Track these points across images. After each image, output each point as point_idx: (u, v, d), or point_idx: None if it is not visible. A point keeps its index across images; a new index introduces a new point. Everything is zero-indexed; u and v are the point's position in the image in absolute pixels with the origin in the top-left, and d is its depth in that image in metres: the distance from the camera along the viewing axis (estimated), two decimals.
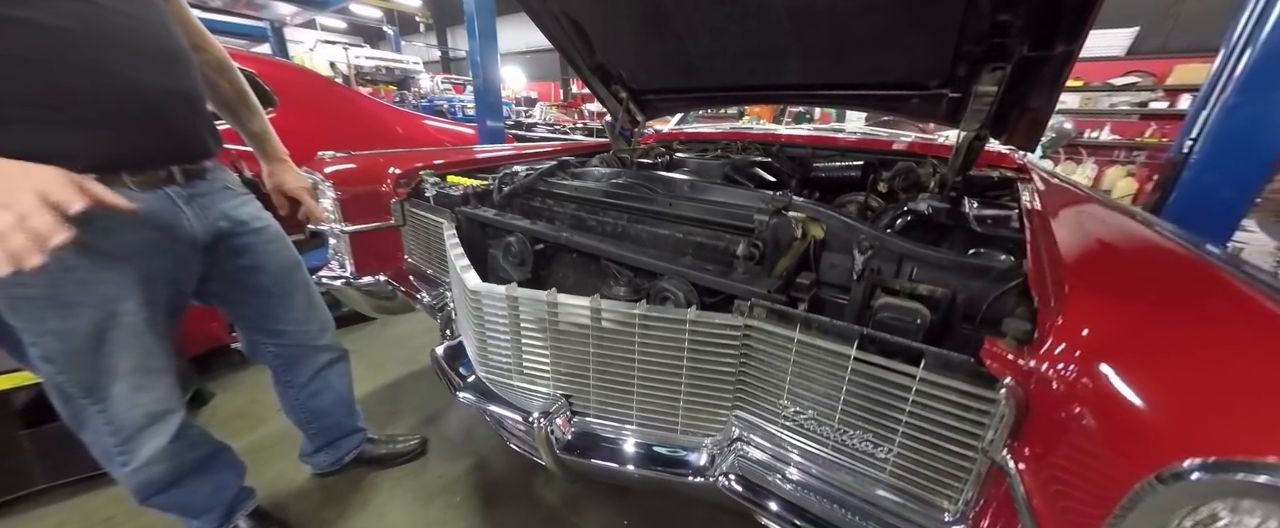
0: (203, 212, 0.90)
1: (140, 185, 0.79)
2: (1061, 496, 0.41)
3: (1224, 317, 0.43)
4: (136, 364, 0.83)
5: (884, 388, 0.61)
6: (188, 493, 1.01)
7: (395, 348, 2.18)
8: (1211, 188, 1.73)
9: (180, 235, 0.86)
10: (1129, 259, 0.61)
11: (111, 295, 0.78)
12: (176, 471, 0.96)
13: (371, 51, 11.23)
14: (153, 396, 0.87)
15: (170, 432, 0.90)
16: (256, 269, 1.05)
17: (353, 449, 1.40)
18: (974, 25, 1.13)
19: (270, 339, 1.15)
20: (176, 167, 0.85)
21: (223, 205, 0.96)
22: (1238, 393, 0.34)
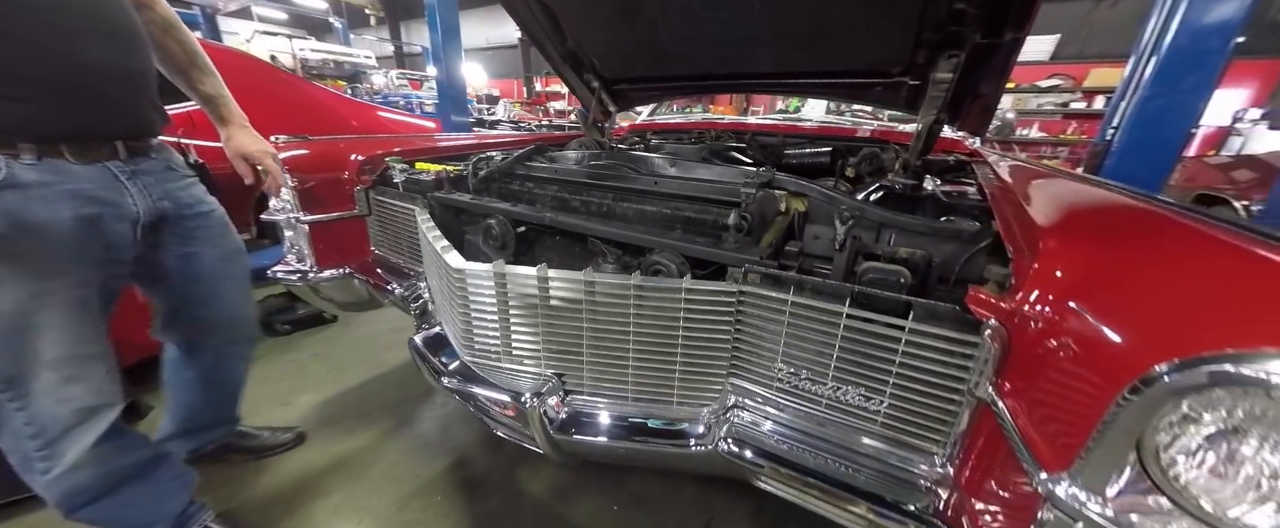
0: (145, 190, 0.85)
1: (79, 158, 0.74)
2: (1048, 420, 0.44)
3: (1169, 247, 0.48)
4: (67, 352, 0.74)
5: (875, 342, 0.63)
6: (123, 505, 0.90)
7: (359, 350, 2.06)
8: (1130, 172, 1.93)
9: (122, 212, 0.81)
10: (1085, 211, 0.67)
11: (40, 271, 0.71)
12: (109, 477, 0.85)
13: (318, 44, 10.55)
14: (85, 387, 0.78)
15: (101, 429, 0.81)
16: (195, 256, 0.99)
17: (217, 439, 1.31)
18: (933, 13, 1.20)
19: (187, 322, 1.07)
20: (120, 142, 0.81)
21: (167, 186, 0.90)
22: (1190, 306, 0.39)
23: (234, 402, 1.31)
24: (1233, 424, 0.33)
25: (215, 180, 1.58)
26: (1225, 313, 0.36)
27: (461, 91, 3.79)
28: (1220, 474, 0.34)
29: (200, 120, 1.15)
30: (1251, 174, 3.19)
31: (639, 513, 1.25)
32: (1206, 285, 0.40)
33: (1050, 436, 0.43)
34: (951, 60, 1.28)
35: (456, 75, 3.68)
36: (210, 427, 1.28)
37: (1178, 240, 0.50)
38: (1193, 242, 0.48)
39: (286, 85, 2.88)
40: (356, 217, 1.41)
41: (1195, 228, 0.50)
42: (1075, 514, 0.38)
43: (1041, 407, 0.45)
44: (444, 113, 3.70)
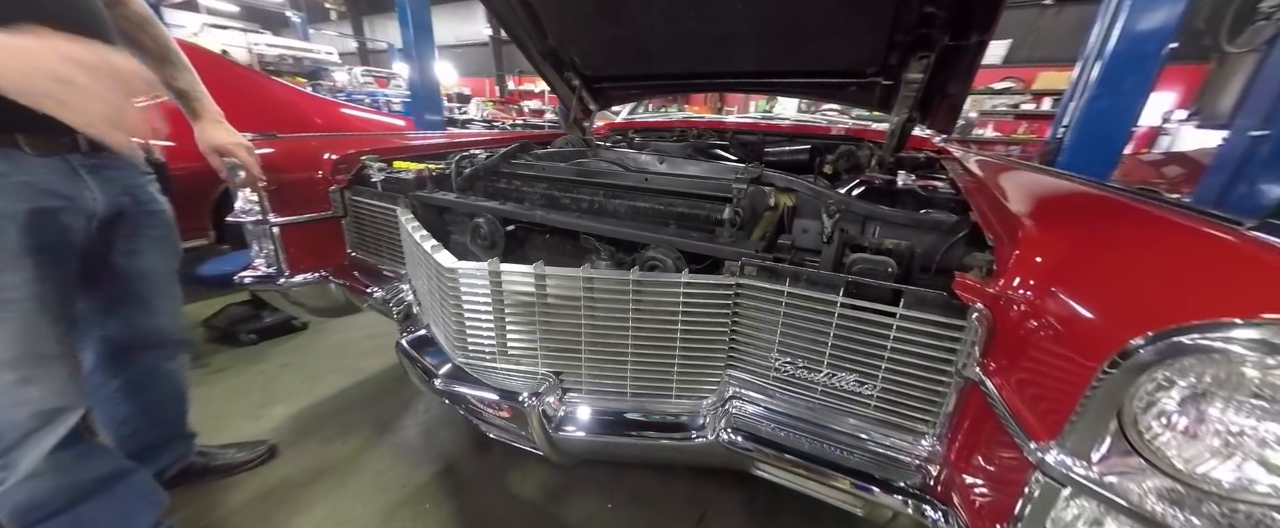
0: (106, 185, 0.81)
1: (36, 149, 0.71)
2: (1034, 394, 0.47)
3: (1132, 230, 0.53)
4: (24, 351, 0.70)
5: (867, 329, 0.66)
6: (82, 523, 0.83)
7: (333, 357, 1.98)
8: (1080, 167, 2.07)
9: (79, 207, 0.77)
10: (1054, 200, 0.72)
11: None
12: (69, 490, 0.80)
13: (275, 39, 10.02)
14: (44, 389, 0.73)
15: (60, 433, 0.75)
16: (137, 253, 0.95)
17: (176, 461, 1.22)
18: (905, 17, 1.25)
19: (110, 323, 0.99)
20: (80, 135, 0.76)
21: (128, 181, 0.87)
22: (1156, 283, 0.42)
23: (180, 417, 1.22)
24: (1200, 389, 0.37)
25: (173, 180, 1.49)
26: (1188, 288, 0.40)
27: (435, 90, 3.69)
28: (1190, 435, 0.37)
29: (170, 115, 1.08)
30: (1180, 170, 3.48)
31: (634, 510, 1.26)
32: (1168, 264, 0.44)
33: (1037, 409, 0.46)
34: (922, 61, 1.34)
35: (429, 73, 3.58)
36: (159, 446, 1.18)
37: (1138, 224, 0.54)
38: (1152, 225, 0.53)
39: (243, 80, 2.72)
40: (331, 218, 1.36)
41: (1151, 212, 0.55)
42: (1064, 479, 0.41)
43: (1028, 383, 0.49)
44: (417, 112, 3.59)
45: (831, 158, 1.78)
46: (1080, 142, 2.02)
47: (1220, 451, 0.37)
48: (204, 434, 1.32)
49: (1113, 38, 1.94)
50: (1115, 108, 1.93)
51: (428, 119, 3.57)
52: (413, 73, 3.52)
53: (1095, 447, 0.41)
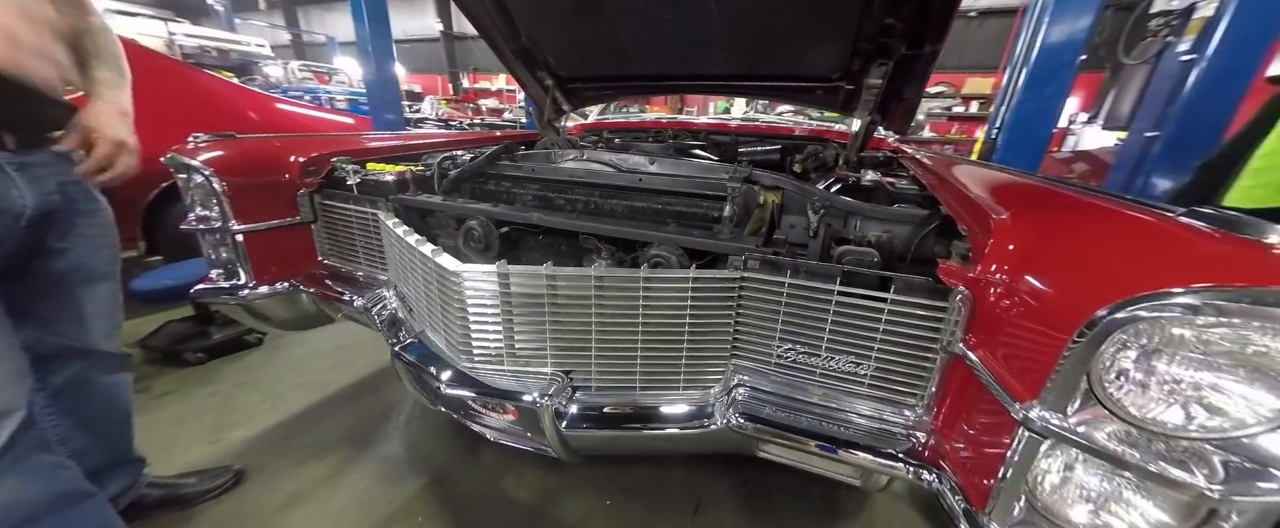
0: (36, 183, 0.77)
1: None
2: (1016, 362, 0.55)
3: (1081, 218, 0.62)
4: None
5: (861, 314, 0.72)
6: None
7: (297, 373, 1.85)
8: (1012, 162, 2.31)
9: (6, 206, 0.73)
10: (1013, 193, 0.81)
11: None
12: (16, 508, 0.71)
13: (194, 29, 9.09)
14: None
15: (2, 438, 0.68)
16: (66, 253, 0.88)
17: (125, 491, 1.09)
18: (867, 27, 1.35)
19: (28, 327, 0.87)
20: (9, 133, 0.72)
21: (62, 178, 0.82)
22: (1109, 262, 0.50)
23: (124, 439, 1.10)
24: (1150, 348, 0.44)
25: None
26: (1136, 265, 0.48)
27: (393, 87, 3.50)
28: (1142, 387, 0.45)
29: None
30: (1087, 167, 3.95)
31: (632, 504, 1.28)
32: (1117, 246, 0.52)
33: (1018, 374, 0.53)
34: (881, 68, 1.45)
35: (387, 70, 3.39)
36: (101, 471, 1.04)
37: (1087, 212, 0.63)
38: (1099, 213, 0.62)
39: (168, 71, 2.43)
40: (300, 224, 1.28)
41: (1095, 202, 0.64)
42: (1046, 432, 0.48)
43: (1008, 352, 0.56)
44: (376, 111, 3.39)
45: (800, 157, 1.88)
46: (1011, 141, 2.26)
47: (1165, 398, 0.45)
48: (155, 465, 1.20)
49: (1035, 48, 2.18)
50: (1039, 111, 2.17)
51: (386, 118, 3.39)
52: (369, 69, 3.32)
53: (1070, 403, 0.48)
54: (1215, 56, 1.81)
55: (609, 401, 0.83)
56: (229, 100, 2.68)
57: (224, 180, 1.12)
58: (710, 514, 1.26)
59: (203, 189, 1.13)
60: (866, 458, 0.71)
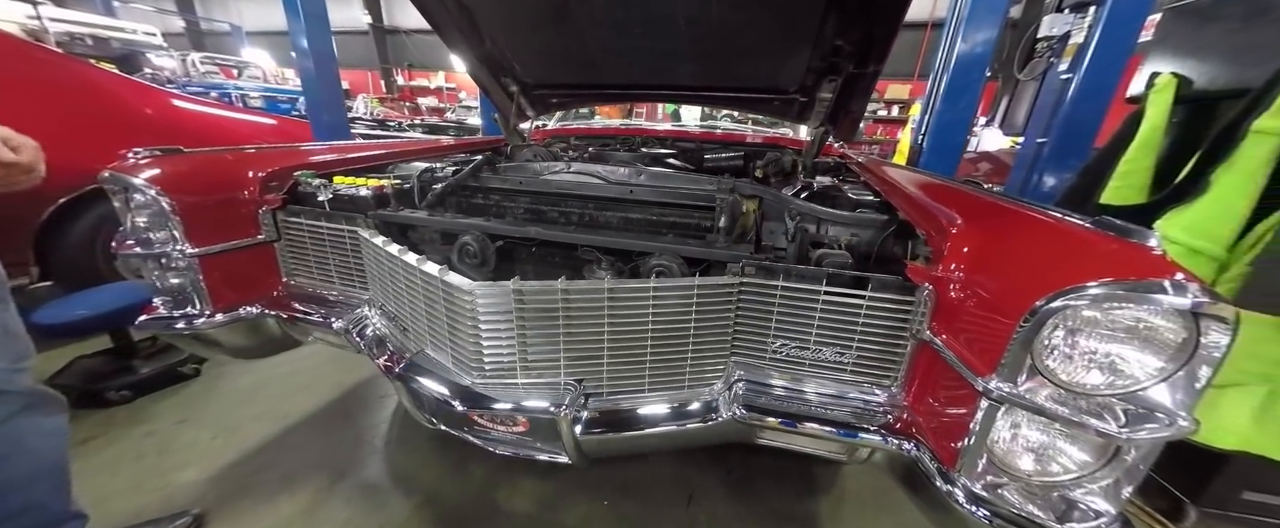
0: None
1: None
2: (974, 344, 0.67)
3: (1017, 226, 0.76)
4: None
5: (843, 311, 0.83)
6: None
7: (245, 404, 1.70)
8: (935, 166, 2.62)
9: None
10: (957, 201, 0.95)
11: None
12: None
13: (64, 12, 7.76)
14: None
15: None
16: None
17: None
18: (821, 48, 1.50)
19: None
20: None
21: None
22: (1042, 261, 0.63)
23: (57, 489, 0.96)
24: (1074, 328, 0.57)
25: None
26: (1062, 265, 0.61)
27: (335, 85, 3.21)
28: (1068, 359, 0.58)
29: None
30: (990, 166, 4.54)
31: (628, 503, 1.33)
32: (1045, 248, 0.66)
33: (978, 354, 0.65)
34: (832, 83, 1.61)
35: (329, 67, 3.12)
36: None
37: (1018, 220, 0.78)
38: (1027, 221, 0.76)
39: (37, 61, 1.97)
40: (261, 243, 1.19)
41: (1022, 210, 0.79)
42: (1002, 399, 0.60)
43: (968, 337, 0.68)
44: (314, 112, 3.12)
45: (761, 163, 2.02)
46: (934, 146, 2.57)
47: (1085, 366, 0.58)
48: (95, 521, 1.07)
49: (951, 62, 2.50)
50: (955, 120, 2.48)
51: (325, 120, 3.13)
52: (306, 65, 3.04)
53: (1019, 375, 0.60)
54: (1085, 75, 2.18)
55: (622, 404, 0.88)
56: (120, 98, 2.21)
57: (174, 199, 1.02)
58: (703, 504, 1.34)
59: (149, 210, 1.03)
60: (856, 436, 0.82)
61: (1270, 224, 1.08)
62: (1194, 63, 1.42)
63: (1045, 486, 0.64)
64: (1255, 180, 1.12)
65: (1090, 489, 0.62)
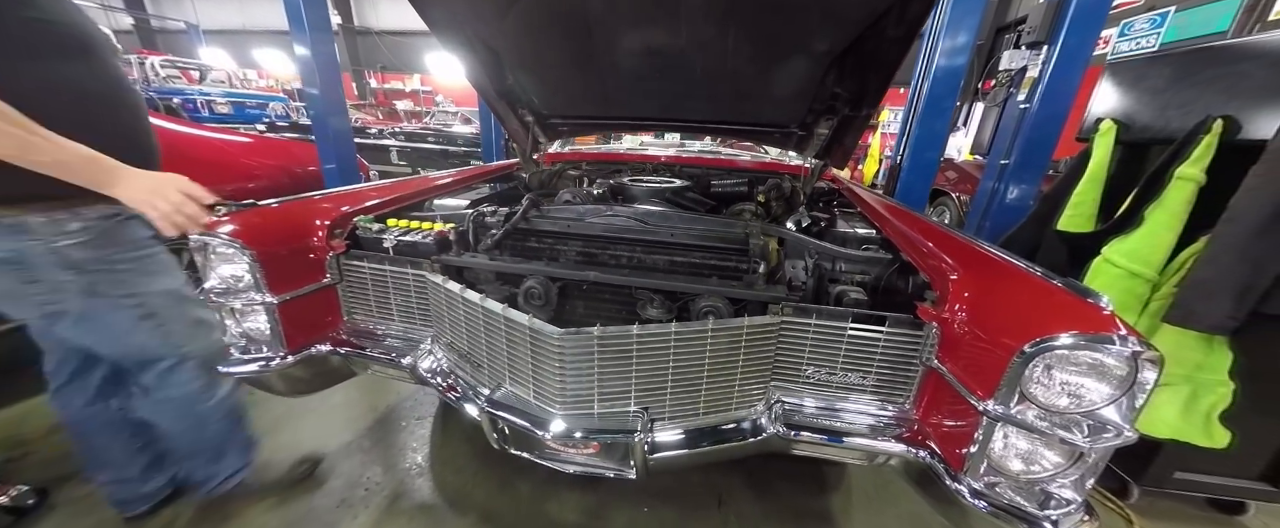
0: None
1: None
2: (972, 371, 0.85)
3: (1002, 278, 0.95)
4: None
5: (865, 341, 1.00)
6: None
7: (282, 430, 1.75)
8: (914, 181, 2.88)
9: None
10: (951, 248, 1.14)
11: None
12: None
13: None
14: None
15: None
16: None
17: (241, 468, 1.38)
18: (822, 94, 1.69)
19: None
20: None
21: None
22: (1025, 310, 0.82)
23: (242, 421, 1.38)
24: (1050, 365, 0.76)
25: None
26: (1040, 315, 0.79)
27: (338, 92, 3.15)
28: (1046, 386, 0.77)
29: None
30: (957, 176, 4.90)
31: (665, 508, 1.48)
32: (1027, 301, 0.85)
33: (978, 381, 0.83)
34: (829, 122, 1.80)
35: (332, 73, 3.04)
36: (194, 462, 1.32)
37: (1002, 272, 0.97)
38: (1009, 273, 0.95)
39: None
40: (326, 286, 1.28)
41: (1004, 262, 0.98)
42: (998, 417, 0.79)
43: (969, 367, 0.86)
44: (320, 121, 3.06)
45: (764, 188, 2.20)
46: (911, 165, 2.82)
47: (1059, 393, 0.77)
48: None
49: (926, 86, 2.75)
50: (931, 137, 2.75)
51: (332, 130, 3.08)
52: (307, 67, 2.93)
53: (1011, 399, 0.78)
54: (1039, 106, 2.46)
55: (681, 426, 1.03)
56: None
57: (255, 252, 1.10)
58: (732, 505, 1.50)
59: (232, 263, 1.11)
60: (875, 444, 1.00)
61: (1189, 254, 1.33)
62: (1131, 110, 1.68)
63: (1030, 482, 0.83)
64: (1179, 217, 1.37)
65: (1062, 483, 0.81)
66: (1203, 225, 1.30)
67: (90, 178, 0.84)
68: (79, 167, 0.82)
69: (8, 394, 1.85)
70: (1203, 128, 1.35)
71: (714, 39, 1.53)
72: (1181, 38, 5.37)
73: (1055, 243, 1.75)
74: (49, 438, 1.65)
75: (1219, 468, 1.47)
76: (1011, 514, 0.83)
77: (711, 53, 1.58)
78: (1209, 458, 1.39)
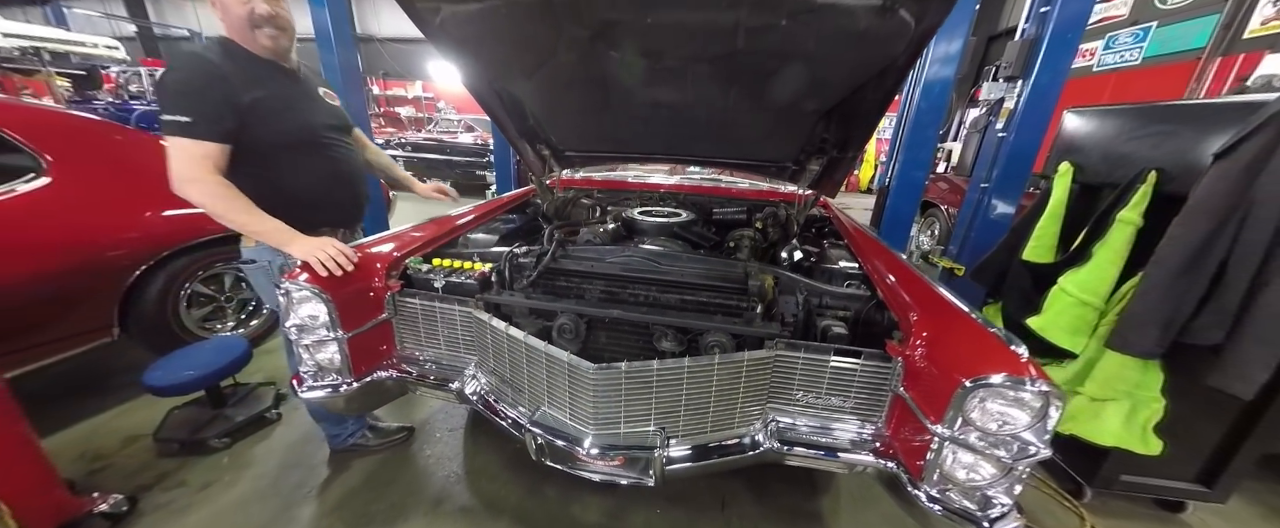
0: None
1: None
2: (928, 399, 1.05)
3: (952, 322, 1.15)
4: None
5: (845, 371, 1.21)
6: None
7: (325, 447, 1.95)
8: (901, 203, 3.09)
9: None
10: (915, 290, 1.35)
11: None
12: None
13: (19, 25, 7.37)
14: None
15: None
16: None
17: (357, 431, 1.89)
18: (812, 139, 1.89)
19: None
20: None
21: None
22: (967, 353, 1.03)
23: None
24: (984, 398, 0.96)
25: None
26: (980, 358, 1.00)
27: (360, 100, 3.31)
28: (981, 412, 0.97)
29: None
30: (946, 187, 5.11)
31: (676, 510, 1.69)
32: (970, 344, 1.05)
33: (931, 407, 1.04)
34: (820, 160, 2.01)
35: (355, 79, 3.20)
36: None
37: (952, 316, 1.17)
38: (958, 317, 1.16)
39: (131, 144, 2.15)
40: (384, 321, 1.47)
41: (953, 307, 1.19)
42: (947, 439, 0.99)
43: (926, 395, 1.07)
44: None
45: (761, 216, 2.40)
46: (898, 188, 3.03)
47: (992, 418, 0.97)
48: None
49: (911, 110, 2.95)
50: (917, 161, 2.97)
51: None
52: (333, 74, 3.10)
53: (957, 423, 0.99)
54: (1015, 136, 2.67)
55: (692, 442, 1.23)
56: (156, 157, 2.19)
57: (330, 295, 1.30)
58: (735, 506, 1.71)
59: (310, 304, 1.31)
60: (855, 457, 1.20)
61: (1128, 288, 1.54)
62: (1085, 156, 1.89)
63: (972, 488, 1.03)
64: (1121, 255, 1.58)
65: (997, 490, 1.02)
66: (1140, 263, 1.51)
67: (277, 242, 1.32)
68: (270, 234, 1.32)
69: (75, 414, 2.04)
70: (1140, 178, 1.56)
71: (716, 97, 1.74)
72: (1163, 52, 5.59)
73: (1021, 271, 1.96)
74: (124, 451, 1.85)
75: (1160, 472, 1.68)
76: (959, 515, 1.03)
77: (714, 107, 1.79)
78: (1149, 463, 1.61)
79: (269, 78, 1.34)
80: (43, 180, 1.79)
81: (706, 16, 1.31)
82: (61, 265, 1.80)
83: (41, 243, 1.77)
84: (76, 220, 1.86)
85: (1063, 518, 1.76)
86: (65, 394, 2.16)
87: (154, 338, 2.18)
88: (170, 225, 2.13)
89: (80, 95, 7.40)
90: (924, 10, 1.19)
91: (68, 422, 1.98)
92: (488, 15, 1.45)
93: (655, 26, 1.40)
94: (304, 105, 1.43)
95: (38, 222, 1.76)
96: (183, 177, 1.21)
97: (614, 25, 1.44)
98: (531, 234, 2.16)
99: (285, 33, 1.35)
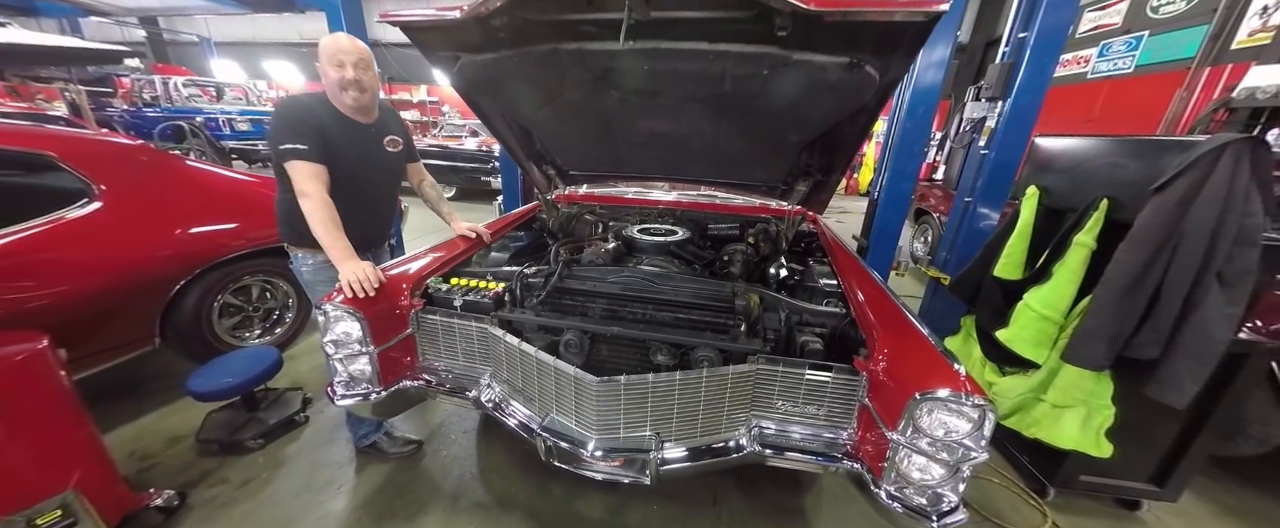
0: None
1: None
2: (886, 408, 1.21)
3: (908, 341, 1.31)
4: None
5: (819, 383, 1.37)
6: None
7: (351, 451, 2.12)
8: (890, 213, 3.23)
9: None
10: (881, 310, 1.50)
11: None
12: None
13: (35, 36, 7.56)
14: None
15: None
16: None
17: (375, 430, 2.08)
18: (797, 165, 2.06)
19: None
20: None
21: None
22: (919, 368, 1.18)
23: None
24: (930, 409, 1.12)
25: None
26: (929, 374, 1.15)
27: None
28: (929, 420, 1.13)
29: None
30: (939, 193, 5.25)
31: (671, 505, 1.85)
32: (921, 360, 1.21)
33: (889, 416, 1.20)
34: (806, 182, 2.17)
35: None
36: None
37: (909, 335, 1.33)
38: (914, 337, 1.31)
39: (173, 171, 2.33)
40: (408, 335, 1.64)
41: (911, 326, 1.34)
42: (901, 443, 1.15)
43: (885, 406, 1.22)
44: None
45: (753, 231, 2.56)
46: (887, 201, 3.18)
47: (938, 426, 1.13)
48: None
49: (899, 119, 3.10)
50: (905, 171, 3.11)
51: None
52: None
53: (909, 430, 1.15)
54: (996, 152, 2.81)
55: (684, 446, 1.39)
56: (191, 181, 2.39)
57: (364, 314, 1.47)
58: (725, 503, 1.87)
59: (344, 323, 1.47)
60: (826, 461, 1.36)
61: (1083, 306, 1.69)
62: (1050, 181, 2.04)
63: (923, 486, 1.19)
64: (1077, 274, 1.73)
65: (946, 488, 1.17)
66: (1094, 283, 1.66)
67: (334, 258, 1.53)
68: (333, 249, 1.53)
69: (120, 417, 2.22)
70: (1094, 204, 1.71)
71: (707, 128, 1.90)
72: (1155, 60, 5.70)
73: (993, 285, 2.11)
74: (168, 451, 2.03)
75: (1115, 472, 1.84)
76: (914, 511, 1.19)
77: (705, 137, 1.96)
78: (1105, 464, 1.76)
79: (346, 127, 1.64)
80: (96, 205, 1.97)
81: (697, 66, 1.47)
82: (119, 283, 1.98)
83: (101, 261, 1.95)
84: (128, 239, 2.04)
85: (1027, 515, 1.92)
86: (109, 398, 2.34)
87: (190, 346, 2.36)
88: (200, 242, 2.31)
89: (95, 104, 7.60)
90: (887, 66, 1.35)
91: (115, 424, 2.16)
92: (502, 61, 1.61)
93: (652, 73, 1.56)
94: (365, 151, 1.71)
95: (97, 243, 1.94)
96: (302, 189, 1.50)
97: (615, 71, 1.61)
98: (539, 251, 2.32)
99: (367, 93, 1.62)
